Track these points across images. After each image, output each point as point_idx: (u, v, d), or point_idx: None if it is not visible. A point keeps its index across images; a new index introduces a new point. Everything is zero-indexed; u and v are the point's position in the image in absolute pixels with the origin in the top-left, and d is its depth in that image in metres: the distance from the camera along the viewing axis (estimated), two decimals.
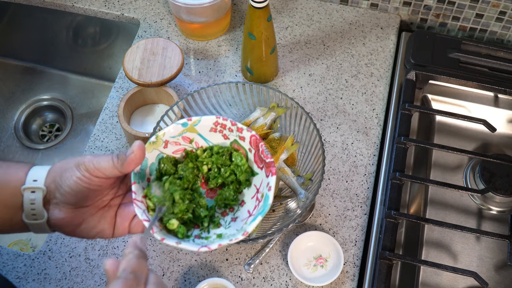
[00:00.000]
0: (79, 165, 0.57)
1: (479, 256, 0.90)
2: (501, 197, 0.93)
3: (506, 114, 1.04)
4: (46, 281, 0.85)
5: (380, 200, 0.92)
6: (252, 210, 0.63)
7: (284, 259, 0.87)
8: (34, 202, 0.58)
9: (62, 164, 0.59)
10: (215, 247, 0.58)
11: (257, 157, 0.64)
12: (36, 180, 0.58)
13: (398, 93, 1.04)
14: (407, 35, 1.12)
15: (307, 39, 1.12)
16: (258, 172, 0.65)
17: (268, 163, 0.62)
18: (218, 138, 0.66)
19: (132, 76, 0.97)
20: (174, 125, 0.64)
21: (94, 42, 1.27)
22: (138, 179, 0.61)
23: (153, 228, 0.59)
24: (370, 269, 0.86)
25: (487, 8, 1.07)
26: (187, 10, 1.04)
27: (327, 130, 1.00)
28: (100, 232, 0.61)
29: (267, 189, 0.62)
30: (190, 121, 0.64)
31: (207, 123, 0.65)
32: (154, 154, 0.64)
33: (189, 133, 0.65)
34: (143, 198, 0.61)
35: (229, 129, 0.65)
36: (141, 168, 0.62)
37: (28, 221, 0.58)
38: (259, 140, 0.63)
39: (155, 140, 0.63)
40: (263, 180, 0.63)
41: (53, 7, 1.20)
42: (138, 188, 0.61)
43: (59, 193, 0.58)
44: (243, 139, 0.65)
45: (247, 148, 0.65)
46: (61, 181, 0.57)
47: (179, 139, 0.65)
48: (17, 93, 1.31)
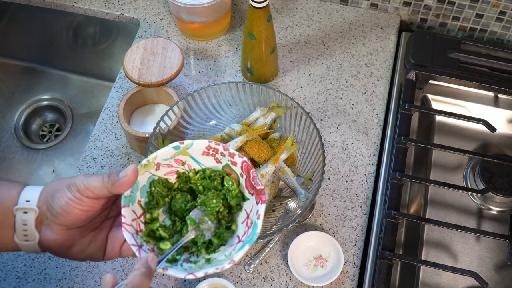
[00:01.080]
0: (70, 186, 0.57)
1: (479, 256, 0.90)
2: (501, 197, 0.93)
3: (506, 114, 1.04)
4: (46, 281, 0.85)
5: (380, 200, 0.92)
6: (242, 236, 0.63)
7: (284, 259, 0.87)
8: (26, 223, 0.57)
9: (54, 185, 0.59)
10: (201, 275, 0.58)
11: (248, 183, 0.65)
12: (29, 200, 0.58)
13: (398, 93, 1.04)
14: (407, 35, 1.12)
15: (307, 39, 1.12)
16: (249, 197, 0.65)
17: (258, 190, 0.62)
18: (210, 162, 0.66)
19: (132, 76, 0.97)
20: (166, 148, 0.64)
21: (94, 42, 1.27)
22: (128, 202, 0.61)
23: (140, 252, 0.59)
24: (370, 269, 0.86)
25: (487, 8, 1.07)
26: (187, 10, 1.04)
27: (327, 130, 1.00)
28: (90, 254, 0.61)
29: (256, 216, 0.62)
30: (183, 144, 0.64)
31: (200, 146, 0.65)
32: (146, 176, 0.64)
33: (181, 156, 0.65)
34: (132, 221, 0.61)
35: (221, 154, 0.65)
36: (132, 191, 0.62)
37: (20, 242, 0.58)
38: (250, 167, 0.63)
39: (146, 163, 0.63)
40: (253, 207, 0.64)
41: (53, 7, 1.20)
42: (128, 211, 0.61)
43: (50, 214, 0.58)
44: (235, 164, 0.65)
45: (239, 173, 0.65)
46: (52, 202, 0.57)
47: (171, 161, 0.65)
48: (17, 93, 1.31)
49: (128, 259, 0.87)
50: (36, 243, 0.58)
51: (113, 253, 0.62)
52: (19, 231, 0.58)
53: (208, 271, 0.58)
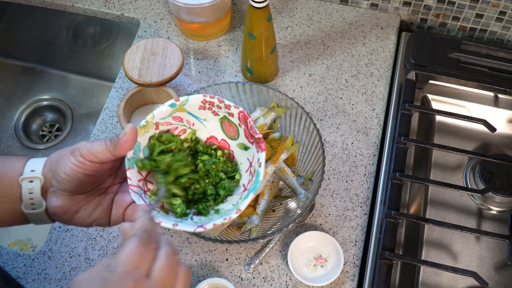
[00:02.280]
0: (73, 151, 0.58)
1: (479, 256, 0.90)
2: (501, 197, 0.93)
3: (506, 114, 1.04)
4: (46, 281, 0.85)
5: (380, 200, 0.92)
6: (247, 184, 0.64)
7: (284, 259, 0.87)
8: (32, 191, 0.58)
9: (57, 153, 0.60)
10: (210, 227, 0.59)
11: (247, 133, 0.65)
12: (34, 170, 0.59)
13: (398, 93, 1.04)
14: (407, 35, 1.12)
15: (307, 39, 1.12)
16: (250, 146, 0.66)
17: (257, 139, 0.63)
18: (207, 115, 0.67)
19: (132, 76, 0.97)
20: (162, 107, 0.64)
21: (94, 42, 1.27)
22: (132, 164, 0.61)
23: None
24: (370, 269, 0.86)
25: (487, 8, 1.07)
26: (187, 10, 1.04)
27: (327, 130, 1.00)
28: (96, 219, 0.62)
29: (257, 165, 0.62)
30: (178, 101, 0.64)
31: (195, 101, 0.65)
32: (146, 137, 0.64)
33: (178, 113, 0.66)
34: (138, 182, 0.62)
35: (217, 106, 0.65)
36: (135, 153, 0.62)
37: (27, 211, 0.59)
38: (247, 116, 0.64)
39: (145, 124, 0.63)
40: (254, 155, 0.64)
41: (53, 7, 1.20)
42: (133, 173, 0.61)
43: (55, 181, 0.59)
44: (232, 115, 0.66)
45: (237, 123, 0.66)
46: (57, 169, 0.58)
47: (169, 119, 0.66)
48: (17, 93, 1.31)
49: None
50: (43, 211, 0.59)
51: (117, 218, 0.62)
52: (26, 200, 0.59)
53: (217, 222, 0.59)
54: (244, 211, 0.85)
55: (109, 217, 0.62)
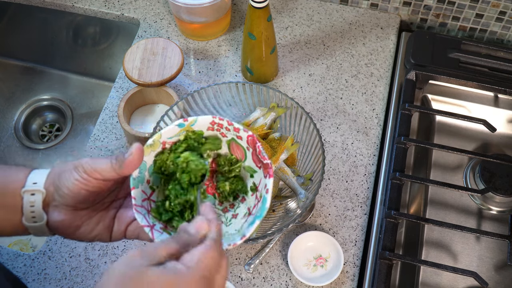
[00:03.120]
0: (77, 167, 0.57)
1: (479, 256, 0.90)
2: (501, 197, 0.93)
3: (506, 114, 1.04)
4: (46, 281, 0.85)
5: (380, 200, 0.92)
6: (252, 209, 0.63)
7: (284, 259, 0.87)
8: (34, 204, 0.58)
9: (61, 166, 0.59)
10: None
11: (254, 157, 0.64)
12: (36, 182, 0.58)
13: (398, 93, 1.04)
14: (407, 35, 1.12)
15: (307, 39, 1.12)
16: (257, 170, 0.64)
17: (265, 164, 0.62)
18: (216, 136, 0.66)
19: (132, 76, 0.97)
20: (170, 127, 0.63)
21: (94, 42, 1.27)
22: (137, 184, 0.61)
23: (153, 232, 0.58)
24: (370, 269, 0.86)
25: (487, 8, 1.07)
26: (187, 10, 1.04)
27: (327, 130, 1.00)
28: (98, 235, 0.61)
29: (265, 191, 0.61)
30: (187, 121, 0.63)
31: (204, 122, 0.64)
32: (152, 156, 0.63)
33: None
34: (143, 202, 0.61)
35: (226, 129, 0.64)
36: (140, 172, 0.62)
37: (28, 224, 0.59)
38: (256, 141, 0.63)
39: (152, 143, 0.62)
40: (261, 180, 0.63)
41: (53, 7, 1.20)
42: (138, 193, 0.60)
43: (58, 195, 0.58)
44: (240, 138, 0.64)
45: (245, 146, 0.65)
46: (59, 183, 0.58)
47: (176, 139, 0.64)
48: (17, 93, 1.31)
49: None
50: (44, 225, 0.59)
51: (119, 234, 0.62)
52: (27, 213, 0.58)
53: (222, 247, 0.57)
54: None
55: (110, 233, 0.62)
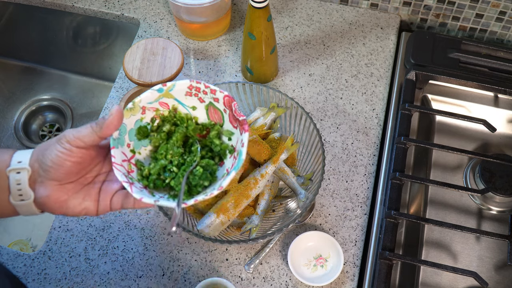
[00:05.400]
0: (59, 139, 0.59)
1: (479, 256, 0.90)
2: (501, 197, 0.93)
3: (506, 114, 1.04)
4: (46, 281, 0.85)
5: (380, 200, 0.92)
6: (230, 168, 0.64)
7: (284, 259, 0.87)
8: (20, 182, 0.59)
9: (44, 144, 0.61)
10: (191, 203, 0.60)
11: (231, 117, 0.66)
12: (21, 161, 0.60)
13: (398, 93, 1.04)
14: (407, 35, 1.12)
15: (307, 39, 1.12)
16: (234, 132, 0.66)
17: (241, 121, 0.64)
18: (194, 102, 0.68)
19: (132, 76, 0.97)
20: (150, 91, 0.65)
21: (94, 42, 1.27)
22: (117, 144, 0.63)
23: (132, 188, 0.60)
24: (370, 269, 0.86)
25: (487, 8, 1.07)
26: (187, 10, 1.04)
27: (327, 130, 1.00)
28: (85, 209, 0.63)
29: (240, 145, 0.63)
30: (165, 86, 0.66)
31: (182, 87, 0.66)
32: (132, 120, 0.65)
33: (165, 99, 0.67)
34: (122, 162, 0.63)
35: (203, 92, 0.66)
36: (120, 134, 0.63)
37: (15, 202, 0.60)
38: (231, 100, 0.65)
39: (132, 106, 0.65)
40: (238, 139, 0.65)
41: (53, 7, 1.20)
42: (118, 152, 0.62)
43: (43, 170, 0.59)
44: (217, 101, 0.66)
45: (222, 109, 0.67)
46: (43, 158, 0.59)
47: (156, 104, 0.67)
48: (17, 93, 1.31)
49: (129, 259, 0.87)
50: (32, 202, 0.60)
51: (104, 206, 0.63)
52: (14, 192, 0.59)
53: (198, 198, 0.60)
54: (244, 211, 0.85)
55: (97, 206, 0.63)
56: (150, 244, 0.89)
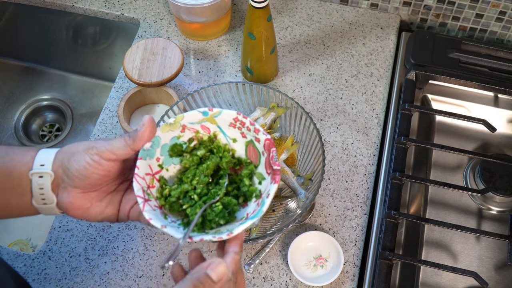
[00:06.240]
0: (89, 149, 0.57)
1: (479, 256, 0.90)
2: (501, 197, 0.93)
3: (506, 114, 1.04)
4: (46, 281, 0.85)
5: (380, 200, 0.92)
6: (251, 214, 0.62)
7: (284, 259, 0.87)
8: (43, 187, 0.58)
9: (70, 148, 0.59)
10: (197, 240, 0.57)
11: (267, 162, 0.63)
12: (43, 164, 0.58)
13: (398, 93, 1.04)
14: (407, 35, 1.12)
15: (307, 39, 1.12)
16: (266, 177, 0.64)
17: (274, 170, 0.61)
18: (236, 134, 0.65)
19: (132, 76, 0.97)
20: (194, 112, 0.62)
21: (94, 42, 1.27)
22: (145, 156, 0.60)
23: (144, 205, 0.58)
24: (370, 269, 0.86)
25: (487, 8, 1.07)
26: (187, 10, 1.04)
27: (327, 130, 1.00)
28: (106, 217, 0.61)
29: (266, 195, 0.60)
30: (211, 111, 0.63)
31: (227, 117, 0.64)
32: (169, 135, 0.63)
33: (208, 123, 0.64)
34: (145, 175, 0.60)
35: (247, 128, 0.64)
36: (152, 146, 0.61)
37: (38, 205, 0.59)
38: (272, 145, 0.62)
39: (172, 122, 0.62)
40: (267, 187, 0.62)
41: (53, 7, 1.20)
42: (143, 164, 0.60)
43: (67, 177, 0.58)
44: (258, 141, 0.64)
45: (261, 151, 0.64)
46: (69, 165, 0.57)
47: (197, 126, 0.64)
48: (17, 93, 1.31)
49: (129, 259, 0.87)
50: (54, 206, 0.59)
51: (123, 215, 0.62)
52: (36, 195, 0.58)
53: (204, 238, 0.57)
54: None
55: (117, 215, 0.62)
56: (150, 244, 0.89)
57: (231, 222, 0.62)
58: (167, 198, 0.62)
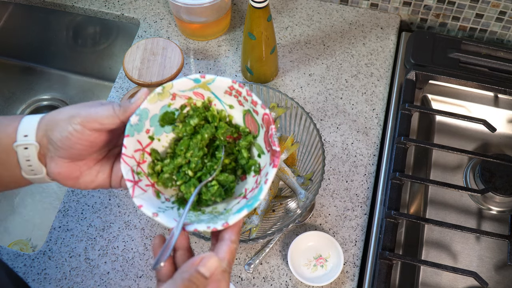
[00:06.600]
0: (72, 117, 0.54)
1: (479, 256, 0.90)
2: (501, 197, 0.93)
3: (506, 114, 1.04)
4: (46, 281, 0.86)
5: (380, 200, 0.92)
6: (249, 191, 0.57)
7: (284, 259, 0.87)
8: (29, 158, 0.56)
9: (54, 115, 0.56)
10: (191, 230, 0.53)
11: (266, 138, 0.58)
12: (27, 135, 0.56)
13: (398, 93, 1.04)
14: (407, 35, 1.12)
15: (307, 39, 1.12)
16: (265, 152, 0.58)
17: (274, 151, 0.56)
18: (232, 101, 0.59)
19: (132, 76, 0.97)
20: (184, 79, 0.57)
21: (94, 42, 1.27)
22: (133, 132, 0.56)
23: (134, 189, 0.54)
24: (370, 269, 0.86)
25: (487, 8, 1.07)
26: (187, 10, 1.04)
27: (327, 130, 1.00)
28: (98, 185, 0.59)
29: (264, 180, 0.55)
30: (204, 78, 0.57)
31: (222, 84, 0.58)
32: (158, 105, 0.58)
33: (201, 90, 0.59)
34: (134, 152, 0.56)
35: (244, 98, 0.58)
36: (140, 120, 0.56)
37: (28, 176, 0.57)
38: (270, 122, 0.56)
39: (161, 91, 0.57)
40: (266, 165, 0.57)
41: (53, 7, 1.20)
42: (131, 142, 0.56)
43: (52, 147, 0.55)
44: (256, 113, 0.58)
45: (260, 123, 0.59)
46: (52, 136, 0.55)
47: (190, 93, 0.59)
48: (17, 93, 1.31)
49: (129, 259, 0.87)
50: (45, 176, 0.57)
51: (116, 183, 0.60)
52: (25, 167, 0.57)
53: (199, 228, 0.52)
54: None
55: (110, 182, 0.60)
56: (150, 244, 0.89)
57: (229, 198, 0.59)
58: (160, 174, 0.58)
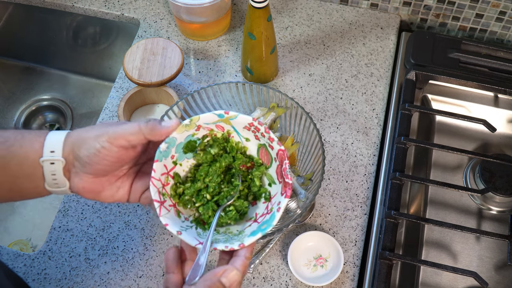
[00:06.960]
0: (99, 136, 0.57)
1: (479, 256, 0.90)
2: (501, 197, 0.93)
3: (506, 114, 1.04)
4: (46, 281, 0.86)
5: (380, 200, 0.92)
6: (259, 216, 0.64)
7: (284, 259, 0.87)
8: (55, 173, 0.59)
9: (81, 133, 0.59)
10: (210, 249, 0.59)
11: (278, 171, 0.65)
12: (54, 151, 0.59)
13: (398, 93, 1.04)
14: (407, 35, 1.12)
15: (307, 39, 1.12)
16: (276, 183, 0.65)
17: (286, 183, 0.63)
18: (249, 135, 0.67)
19: (132, 76, 0.97)
20: (210, 114, 0.64)
21: (94, 42, 1.27)
22: (161, 157, 0.62)
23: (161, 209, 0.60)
24: (370, 269, 0.86)
25: (487, 8, 1.07)
26: (187, 10, 1.04)
27: (327, 130, 1.00)
28: (118, 199, 0.63)
29: (276, 208, 0.62)
30: (227, 114, 0.64)
31: (243, 120, 0.65)
32: (184, 135, 0.64)
33: (223, 123, 0.66)
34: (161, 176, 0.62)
35: (262, 134, 0.66)
36: (168, 147, 0.62)
37: (51, 189, 0.60)
38: (285, 157, 0.63)
39: (188, 123, 0.63)
40: (277, 194, 0.64)
41: (53, 7, 1.20)
42: (159, 166, 0.62)
43: (78, 164, 0.59)
44: (272, 148, 0.66)
45: (273, 157, 0.66)
46: (79, 152, 0.58)
47: (212, 126, 0.66)
48: (17, 93, 1.31)
49: (129, 259, 0.87)
50: (68, 189, 0.61)
51: (134, 199, 0.63)
52: (49, 181, 0.59)
53: (218, 247, 0.59)
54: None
55: (128, 197, 0.63)
56: (150, 244, 0.89)
57: (240, 221, 0.65)
58: (181, 196, 0.64)
